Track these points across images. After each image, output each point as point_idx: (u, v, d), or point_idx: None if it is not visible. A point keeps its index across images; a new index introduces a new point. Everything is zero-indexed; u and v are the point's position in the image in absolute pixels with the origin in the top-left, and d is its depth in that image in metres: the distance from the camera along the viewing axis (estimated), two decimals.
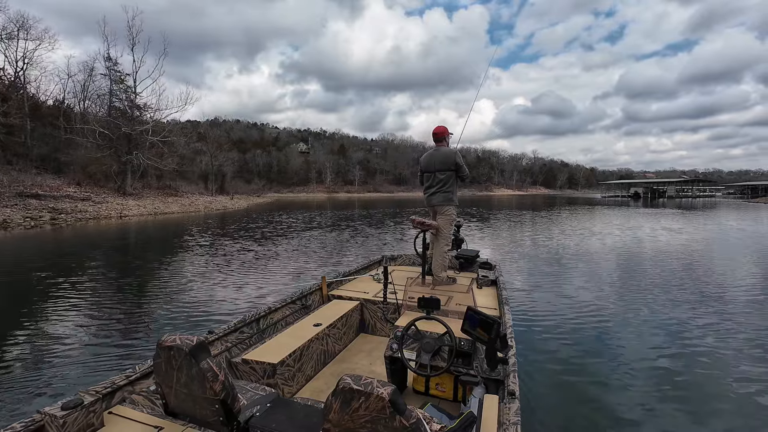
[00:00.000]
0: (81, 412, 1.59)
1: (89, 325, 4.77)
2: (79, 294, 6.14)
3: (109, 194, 26.99)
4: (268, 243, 11.99)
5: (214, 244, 11.82)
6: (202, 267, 8.33)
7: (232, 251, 10.35)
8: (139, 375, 1.98)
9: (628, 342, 4.28)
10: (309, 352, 2.80)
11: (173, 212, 26.52)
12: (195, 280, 7.07)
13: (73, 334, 4.44)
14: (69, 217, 19.52)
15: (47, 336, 4.39)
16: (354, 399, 1.13)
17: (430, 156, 4.22)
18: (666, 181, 78.25)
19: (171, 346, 1.51)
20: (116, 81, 31.07)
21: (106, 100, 31.11)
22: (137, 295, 6.18)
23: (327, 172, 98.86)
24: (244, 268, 8.07)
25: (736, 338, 4.36)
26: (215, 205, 33.04)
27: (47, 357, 3.85)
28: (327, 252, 10.33)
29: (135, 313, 5.29)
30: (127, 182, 28.81)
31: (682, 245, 11.45)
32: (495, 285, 4.07)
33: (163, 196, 31.39)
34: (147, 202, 27.69)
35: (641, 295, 6.08)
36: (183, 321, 4.89)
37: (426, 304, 2.41)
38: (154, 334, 4.42)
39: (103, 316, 5.12)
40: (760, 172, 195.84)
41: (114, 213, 22.50)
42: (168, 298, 5.97)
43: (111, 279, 7.32)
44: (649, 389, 3.26)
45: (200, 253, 10.10)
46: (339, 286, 4.16)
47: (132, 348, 4.07)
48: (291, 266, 8.35)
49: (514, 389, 1.84)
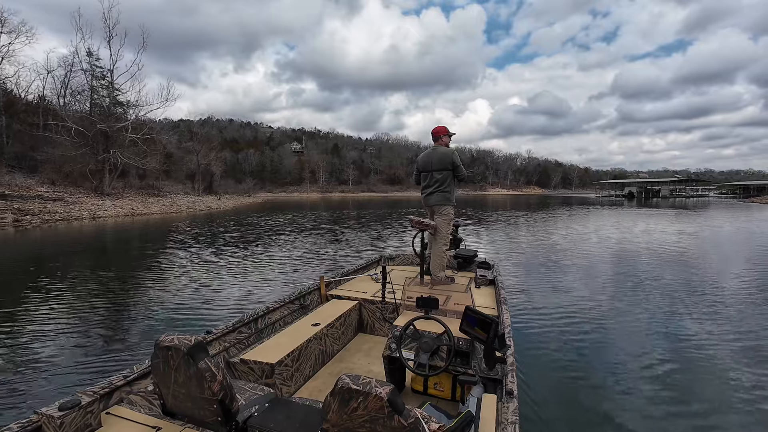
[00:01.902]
0: (78, 412, 1.60)
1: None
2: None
3: (86, 194, 25.72)
4: (228, 253, 10.16)
5: (168, 252, 10.53)
6: (129, 283, 7.01)
7: (183, 264, 8.77)
8: (137, 375, 1.97)
9: (625, 341, 4.32)
10: (307, 352, 2.80)
11: (152, 213, 25.27)
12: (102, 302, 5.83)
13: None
14: (35, 218, 18.27)
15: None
16: (352, 399, 1.13)
17: (427, 155, 4.19)
18: (660, 181, 78.44)
19: (169, 346, 1.50)
20: (97, 77, 29.63)
21: (85, 97, 29.72)
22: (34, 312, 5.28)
23: (321, 172, 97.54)
24: (171, 291, 6.45)
25: (731, 336, 4.43)
26: (199, 205, 31.82)
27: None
28: (287, 269, 8.07)
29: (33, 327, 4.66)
30: (105, 182, 27.57)
31: (686, 245, 11.50)
32: (493, 284, 4.07)
33: (144, 197, 30.16)
34: (125, 202, 26.42)
35: (639, 295, 6.13)
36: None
37: (424, 303, 2.41)
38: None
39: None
40: (751, 171, 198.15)
41: (86, 214, 21.21)
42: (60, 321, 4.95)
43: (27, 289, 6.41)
44: (646, 388, 3.30)
45: (139, 267, 8.68)
46: (337, 285, 4.16)
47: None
48: (227, 293, 6.31)
49: (513, 388, 1.84)
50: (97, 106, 29.88)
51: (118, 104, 30.88)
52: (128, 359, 3.75)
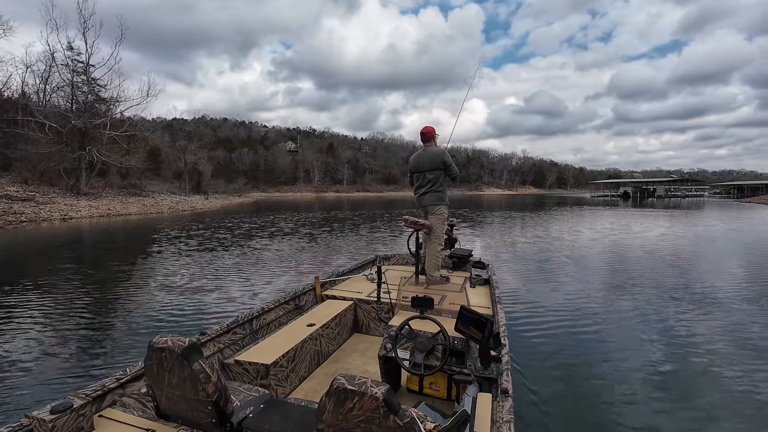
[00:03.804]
0: (70, 415, 1.57)
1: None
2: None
3: (60, 194, 24.28)
4: (189, 260, 9.02)
5: (126, 259, 9.29)
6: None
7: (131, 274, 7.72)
8: (130, 377, 1.96)
9: (619, 339, 4.35)
10: (302, 353, 2.79)
11: (131, 214, 24.05)
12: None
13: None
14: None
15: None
16: (348, 399, 1.14)
17: (418, 156, 4.25)
18: (655, 181, 78.10)
19: (162, 348, 1.48)
20: (78, 72, 28.12)
21: (66, 93, 28.10)
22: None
23: (315, 172, 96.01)
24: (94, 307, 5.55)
25: (726, 334, 4.48)
26: (183, 205, 30.56)
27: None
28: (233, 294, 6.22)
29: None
30: (82, 181, 26.11)
31: (680, 247, 11.46)
32: (488, 284, 4.12)
33: (125, 197, 28.81)
34: (102, 202, 25.11)
35: (634, 294, 6.15)
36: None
37: (419, 303, 2.42)
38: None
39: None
40: (743, 171, 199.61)
41: (57, 215, 19.82)
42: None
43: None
44: (641, 387, 3.30)
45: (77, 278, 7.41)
46: (333, 286, 4.17)
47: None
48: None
49: (507, 387, 1.86)
50: (79, 102, 28.32)
51: (101, 100, 29.37)
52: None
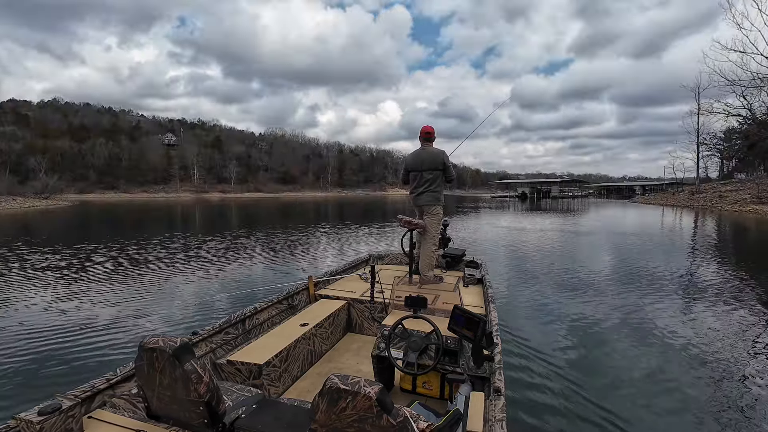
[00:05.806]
0: (59, 417, 1.53)
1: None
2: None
3: None
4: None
5: None
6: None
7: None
8: (121, 378, 1.95)
9: (613, 338, 4.41)
10: (295, 353, 2.79)
11: None
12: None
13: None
14: None
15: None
16: (341, 398, 1.14)
17: (417, 155, 4.28)
18: (549, 182, 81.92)
19: (153, 348, 1.46)
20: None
21: None
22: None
23: (194, 169, 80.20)
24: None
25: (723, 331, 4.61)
26: None
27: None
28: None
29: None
30: None
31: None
32: (481, 283, 4.18)
33: None
34: None
35: (629, 293, 6.23)
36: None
37: (413, 302, 2.45)
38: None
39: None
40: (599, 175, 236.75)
41: None
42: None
43: None
44: (636, 385, 3.36)
45: None
46: (326, 285, 4.18)
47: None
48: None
49: (500, 386, 1.88)
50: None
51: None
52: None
